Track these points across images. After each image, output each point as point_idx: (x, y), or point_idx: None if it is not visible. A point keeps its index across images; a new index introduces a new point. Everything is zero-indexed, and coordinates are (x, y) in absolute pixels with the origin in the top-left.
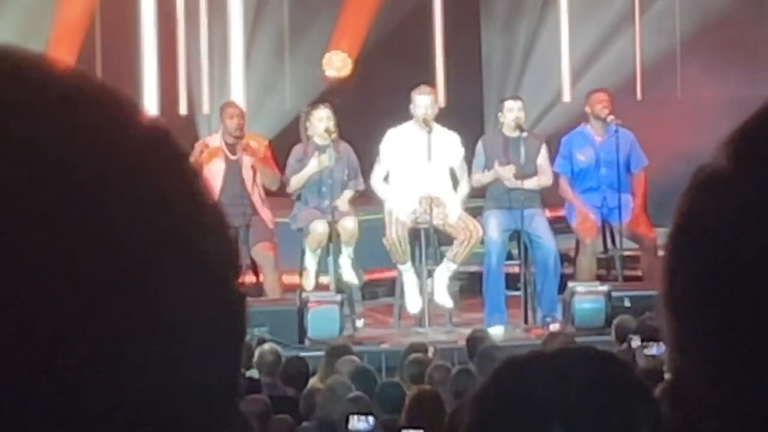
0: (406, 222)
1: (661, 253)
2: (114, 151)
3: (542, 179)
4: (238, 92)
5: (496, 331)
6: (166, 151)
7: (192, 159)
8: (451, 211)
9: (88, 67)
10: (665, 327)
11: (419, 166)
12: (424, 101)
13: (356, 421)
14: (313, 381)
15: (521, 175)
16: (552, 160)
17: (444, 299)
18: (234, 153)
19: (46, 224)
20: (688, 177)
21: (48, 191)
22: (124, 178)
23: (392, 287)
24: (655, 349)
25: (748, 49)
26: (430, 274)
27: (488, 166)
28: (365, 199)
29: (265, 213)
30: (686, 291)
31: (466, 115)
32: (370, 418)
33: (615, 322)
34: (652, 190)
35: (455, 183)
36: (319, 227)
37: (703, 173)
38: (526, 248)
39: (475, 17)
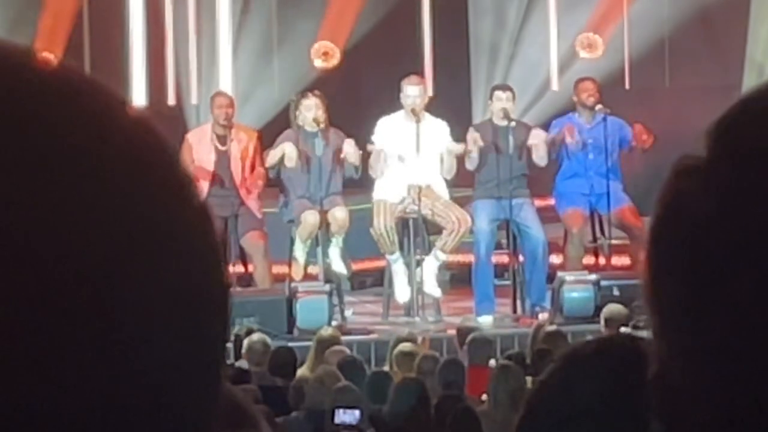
0: (394, 212)
1: None
2: (98, 143)
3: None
4: (226, 82)
5: (485, 321)
6: (150, 143)
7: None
8: (442, 195)
9: (76, 58)
10: (648, 317)
11: (408, 155)
12: (412, 91)
13: (342, 414)
14: (301, 371)
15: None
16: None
17: (433, 289)
18: (223, 143)
19: (27, 216)
20: (677, 161)
21: (31, 182)
22: (108, 170)
23: (381, 277)
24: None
25: (735, 38)
26: (419, 263)
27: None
28: (354, 189)
29: (253, 203)
30: (667, 281)
31: (454, 105)
32: (356, 411)
33: (604, 311)
34: (640, 178)
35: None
36: (310, 218)
37: (683, 164)
38: (514, 238)
39: (463, 6)
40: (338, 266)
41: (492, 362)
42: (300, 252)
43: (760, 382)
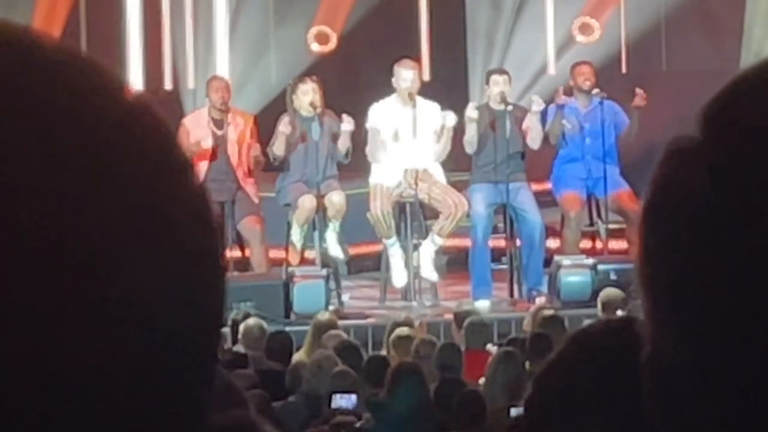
0: (391, 196)
1: None
2: (96, 123)
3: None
4: (223, 67)
5: (482, 305)
6: (148, 124)
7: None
8: (439, 179)
9: (73, 41)
10: (642, 299)
11: (404, 139)
12: (408, 75)
13: (339, 399)
14: (299, 355)
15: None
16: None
17: (430, 273)
18: (220, 128)
19: (24, 193)
20: (670, 142)
21: (27, 161)
22: (106, 150)
23: (378, 261)
24: None
25: (732, 22)
26: (416, 248)
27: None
28: (351, 173)
29: (250, 187)
30: (660, 263)
31: (451, 89)
32: (353, 396)
33: (601, 295)
34: (637, 162)
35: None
36: (307, 202)
37: (675, 145)
38: (511, 222)
39: None
40: (335, 251)
41: (489, 346)
42: (297, 236)
43: (754, 363)
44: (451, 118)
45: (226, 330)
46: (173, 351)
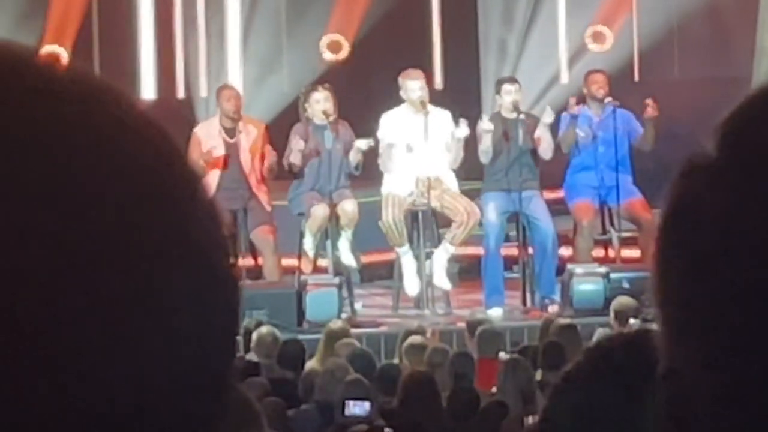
0: (403, 204)
1: None
2: (108, 145)
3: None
4: (235, 75)
5: (495, 313)
6: (159, 144)
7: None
8: (451, 187)
9: (85, 51)
10: (657, 314)
11: (416, 148)
12: (416, 84)
13: (353, 407)
14: (311, 363)
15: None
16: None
17: (442, 282)
18: (232, 136)
19: (39, 219)
20: (686, 158)
21: (43, 186)
22: (118, 171)
23: (391, 270)
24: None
25: (744, 29)
26: (429, 256)
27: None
28: (363, 182)
29: (262, 195)
30: (677, 278)
31: (464, 98)
32: (366, 404)
33: (613, 303)
34: (650, 171)
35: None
36: (320, 211)
37: (692, 161)
38: (524, 230)
39: None
40: (348, 259)
41: (501, 355)
42: (309, 245)
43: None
44: (462, 129)
45: (239, 338)
46: (187, 363)
